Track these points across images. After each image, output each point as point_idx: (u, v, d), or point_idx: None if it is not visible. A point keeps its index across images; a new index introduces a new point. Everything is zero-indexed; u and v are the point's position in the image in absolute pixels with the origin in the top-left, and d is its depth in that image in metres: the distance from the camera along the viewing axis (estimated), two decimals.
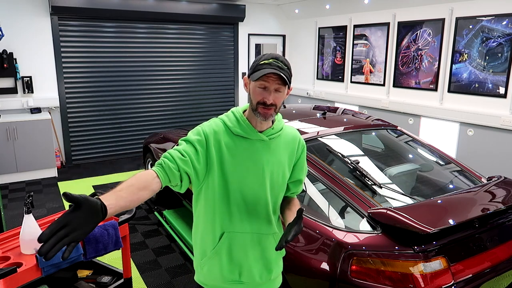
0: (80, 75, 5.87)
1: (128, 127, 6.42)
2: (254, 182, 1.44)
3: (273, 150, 1.48)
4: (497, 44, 4.30)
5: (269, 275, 1.55)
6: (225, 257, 1.47)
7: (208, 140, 1.40)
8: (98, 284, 2.36)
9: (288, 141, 1.53)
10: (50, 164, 5.37)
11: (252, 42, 7.38)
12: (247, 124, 1.44)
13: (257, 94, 1.37)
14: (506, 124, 4.28)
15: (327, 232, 2.04)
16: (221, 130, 1.44)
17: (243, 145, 1.43)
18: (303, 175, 1.62)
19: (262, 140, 1.45)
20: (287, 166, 1.53)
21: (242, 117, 1.45)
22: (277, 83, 1.36)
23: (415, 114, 5.31)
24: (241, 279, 1.50)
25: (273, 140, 1.48)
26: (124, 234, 2.25)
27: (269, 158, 1.46)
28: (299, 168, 1.58)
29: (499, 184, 2.39)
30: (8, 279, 1.67)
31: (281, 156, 1.50)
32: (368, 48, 5.94)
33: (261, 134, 1.45)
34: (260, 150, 1.45)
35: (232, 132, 1.44)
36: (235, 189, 1.43)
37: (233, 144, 1.42)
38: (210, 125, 1.45)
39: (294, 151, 1.54)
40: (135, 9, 5.89)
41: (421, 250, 1.82)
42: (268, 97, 1.37)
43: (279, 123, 1.51)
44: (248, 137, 1.44)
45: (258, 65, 1.37)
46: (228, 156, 1.41)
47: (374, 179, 2.35)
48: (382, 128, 3.09)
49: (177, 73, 6.68)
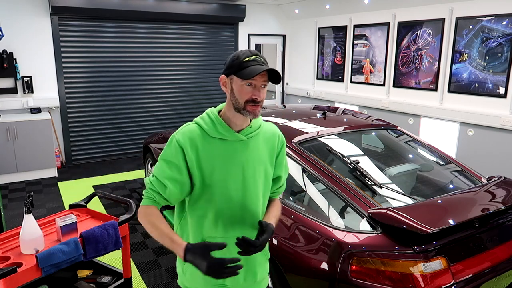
0: (80, 75, 5.87)
1: (128, 127, 6.42)
2: (236, 184, 1.41)
3: (253, 148, 1.44)
4: (497, 44, 4.30)
5: (254, 278, 1.52)
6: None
7: (185, 150, 1.37)
8: (98, 284, 2.36)
9: (267, 138, 1.50)
10: (50, 164, 5.37)
11: (252, 42, 7.38)
12: (223, 125, 1.40)
13: (246, 93, 1.34)
14: (506, 124, 4.28)
15: (327, 232, 2.04)
16: (196, 135, 1.39)
17: (221, 147, 1.39)
18: (284, 172, 1.59)
19: (241, 140, 1.41)
20: (269, 163, 1.49)
21: (218, 119, 1.41)
22: (264, 79, 1.35)
23: (415, 114, 5.31)
24: (225, 282, 1.46)
25: (252, 139, 1.44)
26: (124, 234, 2.25)
27: (248, 157, 1.42)
28: (279, 165, 1.55)
29: (499, 184, 2.39)
30: (8, 279, 1.67)
31: (261, 153, 1.46)
32: (368, 48, 5.94)
33: (239, 134, 1.41)
34: (239, 150, 1.41)
35: (209, 135, 1.40)
36: (217, 194, 1.40)
37: (211, 147, 1.39)
38: (184, 133, 1.40)
39: (274, 147, 1.51)
40: (135, 9, 5.89)
41: (421, 250, 1.82)
42: (259, 94, 1.35)
43: (257, 121, 1.48)
44: (226, 139, 1.40)
45: (243, 63, 1.33)
46: (207, 161, 1.38)
47: (374, 179, 2.35)
48: (382, 128, 3.09)
49: (177, 73, 6.68)
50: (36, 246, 1.87)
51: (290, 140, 2.61)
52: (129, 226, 2.84)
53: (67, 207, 2.52)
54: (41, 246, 1.90)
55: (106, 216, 2.31)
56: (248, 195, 1.44)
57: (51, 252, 1.82)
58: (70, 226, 2.01)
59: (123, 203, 2.48)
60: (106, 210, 4.29)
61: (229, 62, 1.37)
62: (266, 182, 1.50)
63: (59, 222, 1.99)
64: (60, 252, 1.84)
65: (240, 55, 1.36)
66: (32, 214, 1.88)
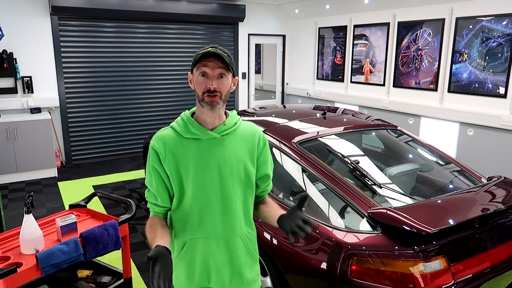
0: (80, 75, 5.87)
1: (128, 127, 6.42)
2: (213, 183, 1.40)
3: (229, 146, 1.43)
4: (497, 44, 4.30)
5: (240, 279, 1.49)
6: (190, 264, 1.44)
7: (160, 155, 1.40)
8: (98, 284, 2.36)
9: (246, 136, 1.47)
10: (50, 164, 5.37)
11: (252, 42, 7.38)
12: (195, 124, 1.41)
13: (200, 84, 1.35)
14: (506, 124, 4.28)
15: (327, 232, 2.04)
16: (170, 138, 1.41)
17: (194, 147, 1.40)
18: (269, 170, 1.56)
19: (214, 138, 1.41)
20: (249, 161, 1.46)
21: (189, 119, 1.42)
22: (219, 67, 1.33)
23: (415, 114, 5.31)
24: (211, 284, 1.45)
25: (227, 137, 1.43)
26: (124, 234, 2.25)
27: (225, 155, 1.41)
28: (263, 163, 1.53)
29: (499, 184, 2.39)
30: (8, 279, 1.67)
31: (238, 151, 1.44)
32: (368, 48, 5.94)
33: (212, 132, 1.41)
34: (214, 148, 1.41)
35: (183, 136, 1.41)
36: (195, 193, 1.40)
37: (184, 148, 1.39)
38: (157, 138, 1.43)
39: (254, 146, 1.48)
40: (135, 9, 5.89)
41: (421, 250, 1.82)
42: (211, 83, 1.33)
43: (232, 119, 1.46)
44: (199, 138, 1.40)
45: (199, 55, 1.34)
46: (183, 162, 1.39)
47: (374, 179, 2.35)
48: (382, 128, 3.09)
49: (177, 73, 6.68)
50: (36, 246, 1.87)
51: (290, 140, 2.61)
52: (129, 226, 2.84)
53: (67, 207, 2.52)
54: (41, 246, 1.90)
55: (106, 216, 2.31)
56: (227, 193, 1.42)
57: (51, 252, 1.82)
58: (70, 226, 2.01)
59: (123, 203, 2.48)
60: (106, 210, 4.29)
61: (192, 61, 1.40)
62: (248, 180, 1.47)
63: (59, 222, 1.99)
64: (60, 252, 1.84)
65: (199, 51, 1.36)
66: (32, 214, 1.88)
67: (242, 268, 1.49)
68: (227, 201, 1.43)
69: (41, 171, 5.35)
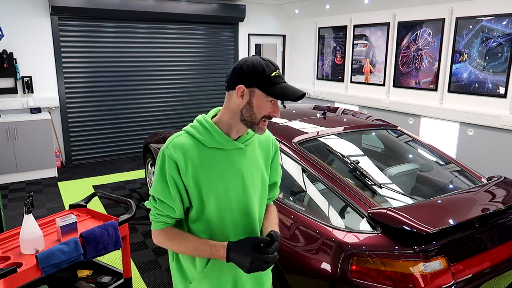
0: (80, 75, 5.87)
1: (128, 127, 6.42)
2: (237, 194, 1.34)
3: (250, 155, 1.38)
4: (497, 44, 4.30)
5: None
6: (216, 279, 1.37)
7: (179, 164, 1.27)
8: (98, 284, 2.36)
9: (262, 143, 1.45)
10: (50, 164, 5.37)
11: (252, 42, 7.38)
12: (220, 133, 1.31)
13: (267, 108, 1.28)
14: (506, 124, 4.28)
15: (327, 232, 2.04)
16: (189, 147, 1.29)
17: (218, 157, 1.31)
18: (278, 178, 1.55)
19: (239, 148, 1.34)
20: (265, 168, 1.45)
21: (213, 126, 1.31)
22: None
23: (415, 114, 5.31)
24: None
25: (249, 146, 1.38)
26: (124, 234, 2.25)
27: (247, 165, 1.36)
28: (274, 170, 1.51)
29: (499, 184, 2.39)
30: (8, 279, 1.67)
31: (258, 160, 1.41)
32: (368, 48, 5.94)
33: (237, 142, 1.33)
34: (238, 159, 1.34)
35: (204, 144, 1.30)
36: (219, 205, 1.32)
37: (206, 158, 1.29)
38: (176, 146, 1.28)
39: (269, 152, 1.46)
40: (135, 9, 5.89)
41: (421, 250, 1.82)
42: (278, 111, 1.30)
43: None
44: (223, 148, 1.31)
45: (271, 78, 1.24)
46: (204, 173, 1.28)
47: (374, 179, 2.35)
48: (382, 128, 3.09)
49: (177, 73, 6.68)
50: (36, 246, 1.87)
51: (290, 140, 2.61)
52: (129, 226, 2.84)
53: (67, 207, 2.52)
54: (41, 246, 1.90)
55: (106, 216, 2.31)
56: (249, 203, 1.38)
57: (51, 252, 1.82)
58: (70, 226, 2.01)
59: (123, 203, 2.48)
60: (106, 210, 4.29)
61: (251, 73, 1.24)
62: (263, 188, 1.45)
63: (59, 222, 1.99)
64: (60, 252, 1.84)
65: (264, 67, 1.25)
66: (32, 214, 1.88)
67: (264, 278, 1.48)
68: (249, 211, 1.38)
69: (41, 171, 5.35)
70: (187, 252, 1.32)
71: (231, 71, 1.30)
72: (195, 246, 1.30)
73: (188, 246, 1.31)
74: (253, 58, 1.28)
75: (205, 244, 1.29)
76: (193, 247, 1.30)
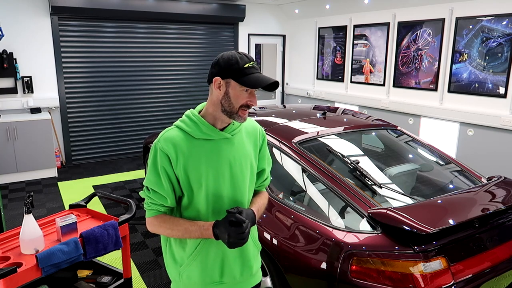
0: (80, 75, 5.87)
1: (128, 127, 6.42)
2: (225, 183, 1.42)
3: (237, 145, 1.46)
4: (497, 44, 4.30)
5: (250, 271, 1.54)
6: (204, 261, 1.45)
7: (170, 157, 1.36)
8: (98, 284, 2.36)
9: (249, 132, 1.52)
10: (50, 164, 5.37)
11: (252, 42, 7.38)
12: (207, 125, 1.40)
13: (243, 98, 1.36)
14: (506, 124, 4.28)
15: (327, 232, 2.04)
16: (179, 139, 1.38)
17: (206, 148, 1.39)
18: (267, 164, 1.61)
19: (226, 138, 1.42)
20: (254, 157, 1.52)
21: (200, 119, 1.40)
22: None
23: (415, 114, 5.31)
24: (222, 279, 1.48)
25: (236, 135, 1.46)
26: (124, 234, 2.25)
27: (235, 154, 1.44)
28: (262, 158, 1.58)
29: (499, 184, 2.39)
30: (8, 279, 1.67)
31: (247, 148, 1.49)
32: (368, 48, 5.94)
33: (223, 132, 1.42)
34: (225, 148, 1.42)
35: (193, 136, 1.39)
36: (208, 194, 1.40)
37: (196, 149, 1.38)
38: (166, 140, 1.38)
39: (256, 141, 1.54)
40: (135, 9, 5.89)
41: (421, 250, 1.82)
42: (254, 100, 1.37)
43: None
44: (211, 138, 1.40)
45: (244, 69, 1.33)
46: (194, 164, 1.37)
47: (374, 179, 2.35)
48: (382, 128, 3.09)
49: (177, 73, 6.68)
50: (36, 246, 1.87)
51: (290, 140, 2.61)
52: (129, 226, 2.84)
53: (67, 207, 2.52)
54: (41, 246, 1.90)
55: (106, 216, 2.31)
56: (238, 191, 1.46)
57: (51, 252, 1.82)
58: (70, 226, 2.01)
59: (123, 203, 2.48)
60: (106, 210, 4.29)
61: (226, 65, 1.34)
62: (252, 176, 1.53)
63: (59, 222, 1.99)
64: (60, 252, 1.84)
65: (238, 59, 1.34)
66: (32, 214, 1.88)
67: (251, 261, 1.54)
68: (237, 198, 1.46)
69: (41, 171, 5.35)
70: (179, 235, 1.40)
71: (211, 66, 1.41)
72: (186, 228, 1.38)
73: (180, 230, 1.39)
74: (229, 52, 1.38)
75: (194, 225, 1.37)
76: (184, 229, 1.38)
